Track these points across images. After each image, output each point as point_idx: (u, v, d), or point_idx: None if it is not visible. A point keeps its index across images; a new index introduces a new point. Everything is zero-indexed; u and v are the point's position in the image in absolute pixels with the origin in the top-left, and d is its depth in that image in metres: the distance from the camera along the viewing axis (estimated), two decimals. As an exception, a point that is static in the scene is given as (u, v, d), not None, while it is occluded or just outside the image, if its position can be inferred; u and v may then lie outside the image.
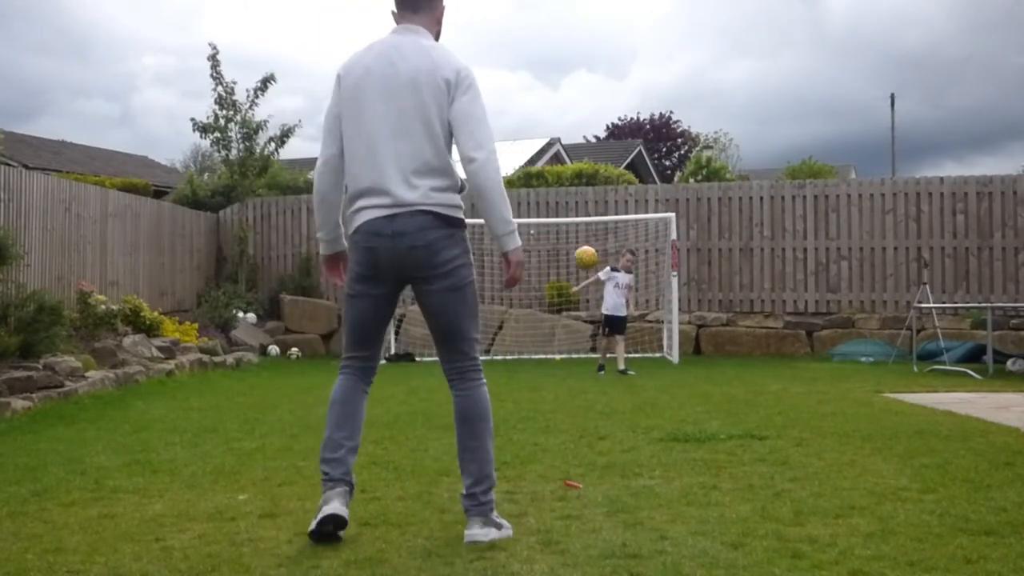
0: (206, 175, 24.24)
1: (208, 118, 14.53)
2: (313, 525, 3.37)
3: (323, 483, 3.50)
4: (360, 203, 3.45)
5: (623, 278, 10.83)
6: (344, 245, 3.65)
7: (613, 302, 10.71)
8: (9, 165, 11.36)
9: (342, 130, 3.49)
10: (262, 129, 14.74)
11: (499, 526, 3.42)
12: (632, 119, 39.69)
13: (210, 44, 14.56)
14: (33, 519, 3.81)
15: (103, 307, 10.12)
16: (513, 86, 77.32)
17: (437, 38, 3.60)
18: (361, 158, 3.44)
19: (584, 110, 72.01)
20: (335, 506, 3.37)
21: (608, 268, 11.02)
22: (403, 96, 3.39)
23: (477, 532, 3.37)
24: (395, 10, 3.61)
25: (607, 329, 10.82)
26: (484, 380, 3.56)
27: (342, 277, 3.65)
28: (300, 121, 15.60)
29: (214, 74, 14.46)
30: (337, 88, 3.51)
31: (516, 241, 3.47)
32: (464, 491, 3.45)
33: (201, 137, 14.81)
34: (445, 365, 3.56)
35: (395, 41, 3.50)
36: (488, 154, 3.39)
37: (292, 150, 15.15)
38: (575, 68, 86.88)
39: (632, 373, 10.35)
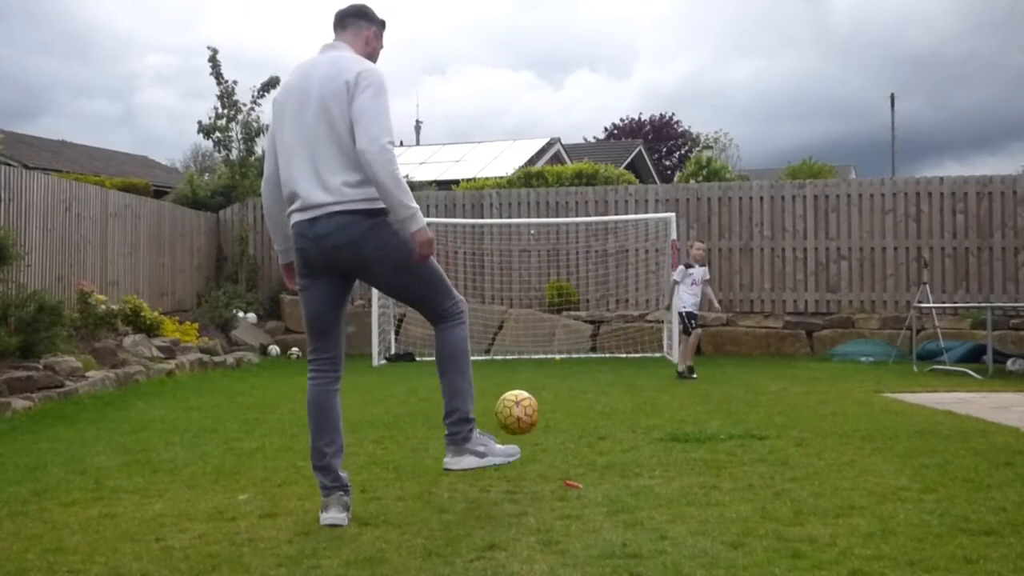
0: (206, 175, 24.25)
1: (210, 118, 14.55)
2: (321, 523, 3.64)
3: (321, 488, 3.75)
4: (288, 208, 3.75)
5: (698, 272, 10.26)
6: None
7: (691, 299, 10.14)
8: (9, 165, 11.36)
9: (275, 147, 3.78)
10: (264, 132, 14.74)
11: (479, 454, 3.76)
12: (632, 119, 39.71)
13: (209, 47, 14.59)
14: (33, 519, 3.81)
15: (103, 307, 10.12)
16: (516, 86, 77.37)
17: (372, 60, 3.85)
18: (283, 168, 3.73)
19: (587, 109, 72.06)
20: (332, 516, 3.63)
21: (681, 267, 10.37)
22: (311, 105, 3.65)
23: (449, 460, 3.76)
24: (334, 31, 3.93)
25: (692, 324, 10.12)
26: (461, 321, 3.83)
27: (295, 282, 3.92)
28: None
29: (215, 74, 14.47)
30: (274, 105, 3.83)
31: (418, 222, 3.62)
32: (445, 418, 3.79)
33: (205, 138, 14.82)
34: (428, 318, 3.88)
35: (316, 59, 3.79)
36: (381, 147, 3.55)
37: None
38: (578, 68, 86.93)
39: (694, 376, 9.81)
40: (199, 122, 14.64)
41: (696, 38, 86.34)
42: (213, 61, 14.45)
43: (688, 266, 10.35)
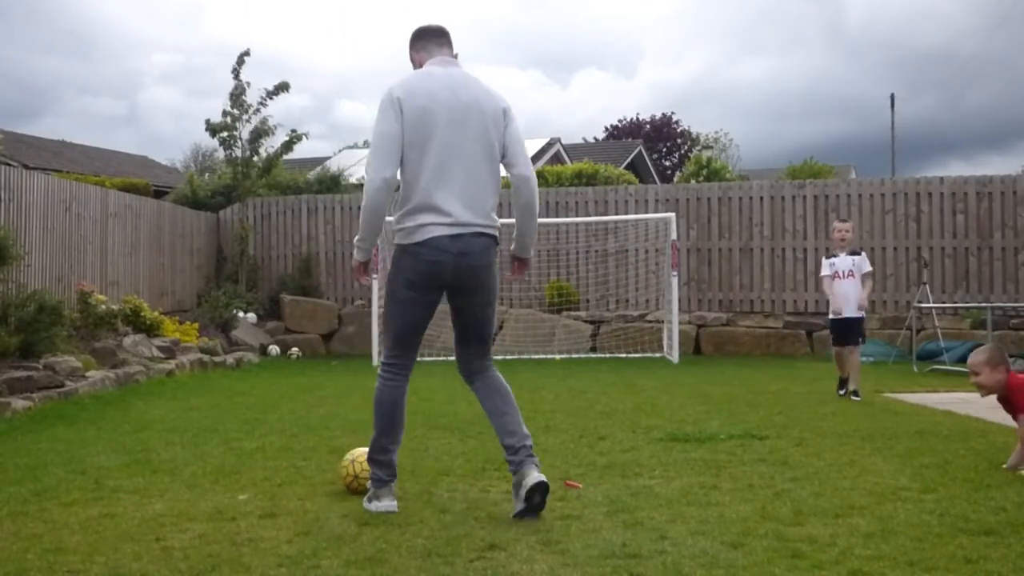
0: (206, 175, 24.24)
1: (224, 116, 14.55)
2: (375, 510, 3.79)
3: (373, 480, 3.89)
4: (424, 218, 3.72)
5: (843, 262, 7.90)
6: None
7: (842, 300, 7.85)
8: (9, 165, 11.36)
9: (404, 151, 3.72)
10: (270, 134, 14.76)
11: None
12: (632, 119, 39.70)
13: (243, 52, 14.53)
14: (33, 519, 3.81)
15: (103, 307, 10.12)
16: (522, 84, 77.33)
17: None
18: (428, 178, 3.71)
19: (593, 108, 72.02)
20: (387, 504, 3.81)
21: (824, 258, 8.25)
22: (468, 123, 3.75)
23: (541, 475, 3.74)
24: (423, 42, 3.99)
25: (834, 337, 8.04)
26: None
27: (369, 277, 4.06)
28: (309, 133, 15.60)
29: (235, 73, 14.46)
30: (398, 110, 3.72)
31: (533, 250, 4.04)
32: (517, 444, 3.81)
33: (211, 136, 14.81)
34: (470, 358, 3.99)
35: (450, 72, 3.85)
36: (533, 174, 3.92)
37: (293, 150, 15.19)
38: (584, 66, 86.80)
39: (857, 399, 7.59)
40: (207, 120, 14.66)
41: (703, 37, 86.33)
42: (240, 61, 14.46)
43: (832, 255, 8.11)
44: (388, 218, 3.92)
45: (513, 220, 4.04)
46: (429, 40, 3.98)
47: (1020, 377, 4.77)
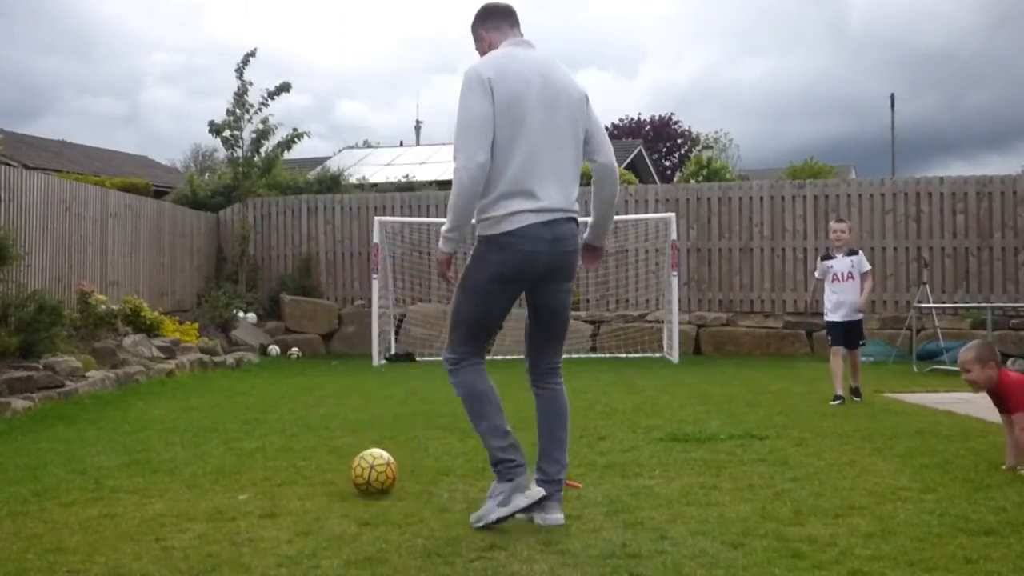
0: (206, 175, 24.24)
1: (227, 115, 14.55)
2: (520, 506, 3.51)
3: (508, 470, 3.56)
4: (514, 206, 3.54)
5: (840, 264, 7.75)
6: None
7: (835, 301, 7.76)
8: (9, 165, 11.36)
9: (495, 134, 3.54)
10: (271, 134, 14.75)
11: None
12: (632, 119, 39.70)
13: (249, 52, 14.58)
14: (33, 519, 3.81)
15: (103, 307, 10.12)
16: (526, 84, 77.12)
17: None
18: (519, 163, 3.54)
19: (594, 108, 71.89)
20: (536, 491, 3.56)
21: (820, 259, 8.12)
22: (559, 108, 3.62)
23: (561, 516, 3.59)
24: (495, 20, 3.80)
25: (832, 338, 7.78)
26: None
27: (454, 272, 3.76)
28: (310, 132, 15.57)
29: (239, 73, 14.47)
30: (488, 92, 3.53)
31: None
32: (552, 476, 3.64)
33: (215, 136, 14.80)
34: (543, 363, 3.81)
35: (533, 55, 3.70)
36: (616, 164, 3.82)
37: (294, 150, 15.21)
38: (585, 66, 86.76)
39: (858, 399, 7.54)
40: (211, 121, 14.65)
41: (704, 37, 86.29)
42: (246, 61, 14.46)
43: (828, 256, 7.95)
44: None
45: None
46: (501, 19, 3.80)
47: (1013, 375, 4.77)
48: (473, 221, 3.67)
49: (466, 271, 3.70)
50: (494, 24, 3.80)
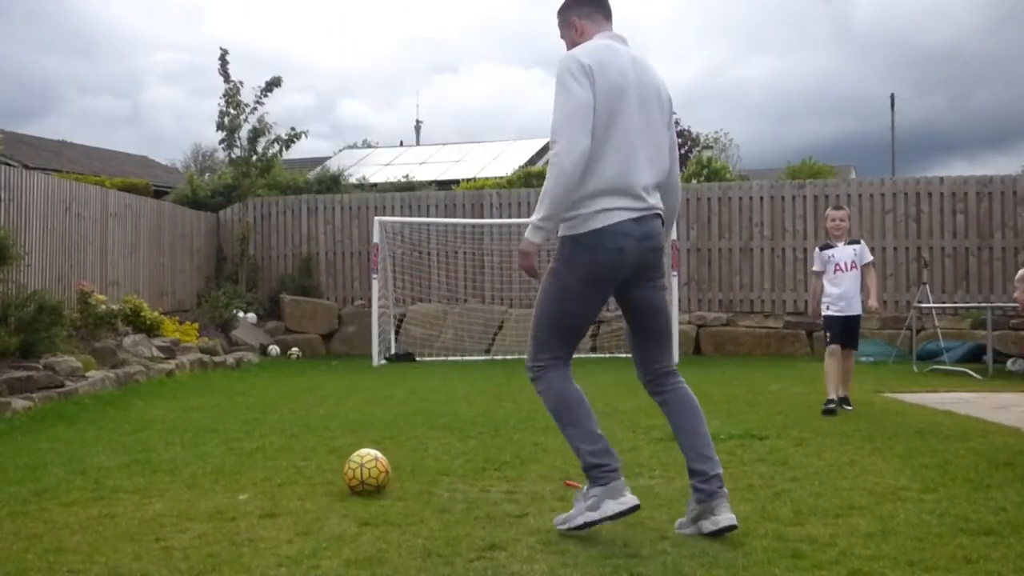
0: (206, 175, 24.24)
1: (220, 117, 14.54)
2: (610, 512, 3.37)
3: (604, 475, 3.42)
4: (606, 203, 3.43)
5: (842, 253, 7.14)
6: None
7: (836, 294, 7.10)
8: (9, 165, 11.36)
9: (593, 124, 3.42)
10: (268, 132, 14.75)
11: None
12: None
13: (220, 48, 14.61)
14: (33, 519, 3.81)
15: (103, 307, 10.12)
16: (526, 83, 77.28)
17: None
18: (614, 159, 3.44)
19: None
20: (633, 496, 3.42)
21: (818, 250, 7.42)
22: (652, 107, 3.57)
23: (733, 516, 3.38)
24: (589, 9, 3.68)
25: (830, 336, 7.13)
26: None
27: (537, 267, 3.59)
28: (308, 131, 15.52)
29: (223, 74, 14.47)
30: (590, 80, 3.42)
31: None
32: (711, 472, 3.46)
33: (223, 135, 14.77)
34: (658, 367, 3.70)
35: (626, 50, 3.61)
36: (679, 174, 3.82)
37: (294, 149, 15.18)
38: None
39: (849, 408, 7.00)
40: (218, 121, 14.64)
41: (707, 36, 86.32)
42: (223, 60, 14.46)
43: (827, 246, 7.32)
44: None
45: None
46: (596, 8, 3.69)
47: None
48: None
49: (552, 275, 3.55)
50: (588, 12, 3.68)
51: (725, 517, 3.35)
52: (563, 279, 3.51)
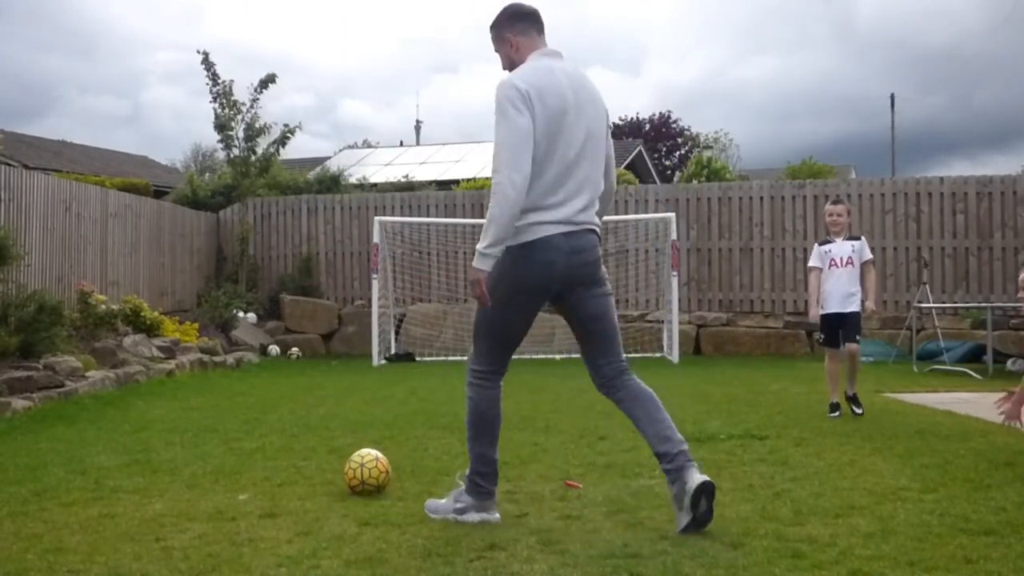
0: (206, 175, 24.24)
1: (216, 118, 14.53)
2: (470, 521, 3.63)
3: (479, 495, 3.70)
4: (537, 217, 3.52)
5: (841, 248, 6.90)
6: None
7: (825, 290, 6.89)
8: (9, 165, 11.36)
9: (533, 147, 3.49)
10: (266, 132, 14.74)
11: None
12: (632, 118, 39.68)
13: (199, 51, 14.56)
14: (33, 519, 3.81)
15: (103, 307, 10.12)
16: (528, 83, 77.05)
17: None
18: (551, 177, 3.53)
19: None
20: (498, 516, 3.69)
21: (817, 245, 7.17)
22: (592, 122, 3.63)
23: (704, 475, 3.50)
24: (523, 25, 3.72)
25: (823, 337, 6.99)
26: None
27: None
28: (300, 123, 15.46)
29: (209, 75, 14.46)
30: (528, 108, 3.47)
31: None
32: (674, 451, 3.57)
33: (219, 133, 14.76)
34: (605, 366, 3.74)
35: (566, 67, 3.66)
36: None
37: (294, 149, 15.18)
38: (590, 65, 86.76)
39: (859, 411, 6.76)
40: (214, 122, 14.62)
41: (708, 36, 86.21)
42: (206, 63, 14.44)
43: (826, 242, 7.07)
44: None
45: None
46: (531, 24, 3.72)
47: None
48: None
49: (492, 283, 3.60)
50: (523, 29, 3.71)
51: (696, 478, 3.45)
52: (496, 288, 3.59)
